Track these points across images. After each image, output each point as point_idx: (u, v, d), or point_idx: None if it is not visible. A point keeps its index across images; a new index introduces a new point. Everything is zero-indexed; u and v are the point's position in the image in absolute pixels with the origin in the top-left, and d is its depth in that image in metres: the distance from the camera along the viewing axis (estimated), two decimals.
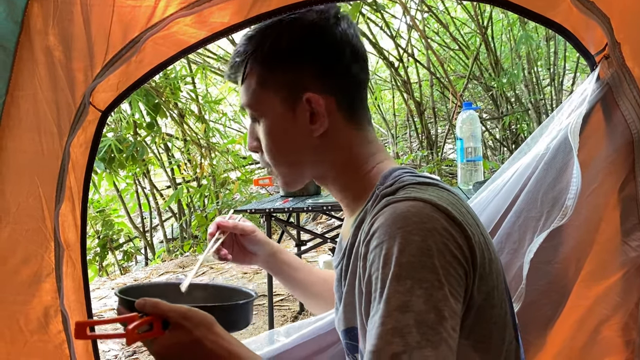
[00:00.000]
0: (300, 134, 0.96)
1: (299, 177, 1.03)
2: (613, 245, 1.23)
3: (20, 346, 1.24)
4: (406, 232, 0.77)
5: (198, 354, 0.85)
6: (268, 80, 0.96)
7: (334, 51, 0.95)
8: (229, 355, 0.85)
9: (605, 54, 1.15)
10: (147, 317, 0.85)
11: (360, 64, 0.98)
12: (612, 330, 1.25)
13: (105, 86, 1.19)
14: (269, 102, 0.96)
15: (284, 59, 0.95)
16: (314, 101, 0.94)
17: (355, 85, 0.98)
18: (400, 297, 0.74)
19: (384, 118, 5.82)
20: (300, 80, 0.95)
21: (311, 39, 0.95)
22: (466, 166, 2.17)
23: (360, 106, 1.00)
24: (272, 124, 0.98)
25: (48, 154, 1.18)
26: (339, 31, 0.95)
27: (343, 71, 0.96)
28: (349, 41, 0.96)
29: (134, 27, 1.08)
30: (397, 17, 4.82)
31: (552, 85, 4.73)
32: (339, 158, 0.98)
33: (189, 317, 0.85)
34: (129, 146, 4.33)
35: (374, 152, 0.99)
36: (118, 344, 3.02)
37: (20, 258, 1.21)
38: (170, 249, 5.33)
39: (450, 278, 0.76)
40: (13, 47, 1.08)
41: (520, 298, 1.18)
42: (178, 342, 0.84)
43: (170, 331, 0.85)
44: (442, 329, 0.73)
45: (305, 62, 0.95)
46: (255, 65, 0.97)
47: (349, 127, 0.97)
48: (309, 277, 1.33)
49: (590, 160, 1.19)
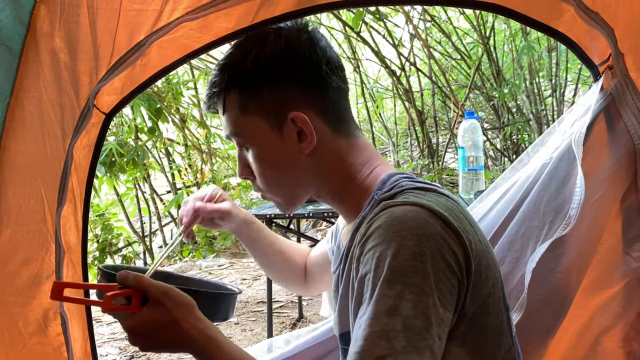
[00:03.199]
0: (291, 155, 0.96)
1: (297, 197, 1.03)
2: (615, 256, 1.23)
3: (19, 348, 1.23)
4: (401, 236, 0.77)
5: (173, 336, 0.83)
6: (250, 107, 0.95)
7: (311, 66, 0.94)
8: (206, 340, 0.83)
9: (609, 64, 1.16)
10: (127, 289, 0.83)
11: (338, 74, 0.97)
12: (613, 340, 1.25)
13: (109, 89, 1.19)
14: (255, 128, 0.95)
15: (262, 83, 0.94)
16: (300, 119, 0.93)
17: (337, 96, 0.97)
18: (389, 300, 0.74)
19: (385, 126, 5.83)
20: (282, 101, 0.94)
21: (286, 59, 0.94)
22: (467, 175, 2.17)
23: (346, 115, 0.99)
24: (262, 149, 0.97)
25: (51, 155, 1.18)
26: (312, 45, 0.95)
27: (323, 84, 0.95)
28: (324, 54, 0.95)
29: (140, 30, 1.09)
30: (400, 26, 4.83)
31: (554, 96, 4.74)
32: (334, 171, 0.98)
33: (170, 296, 0.84)
34: (130, 150, 4.33)
35: (368, 159, 0.98)
36: (116, 348, 3.01)
37: (20, 260, 1.21)
38: (169, 254, 5.32)
39: (441, 285, 0.76)
40: (19, 48, 1.08)
41: (521, 307, 1.18)
42: (154, 320, 0.83)
43: (148, 307, 0.83)
44: (429, 336, 0.73)
45: (285, 83, 0.94)
46: (234, 93, 0.95)
47: (338, 138, 0.97)
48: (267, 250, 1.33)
49: (593, 171, 1.19)
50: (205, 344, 0.83)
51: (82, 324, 1.35)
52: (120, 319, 0.86)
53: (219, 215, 1.24)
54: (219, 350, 0.84)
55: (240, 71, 0.95)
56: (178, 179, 5.55)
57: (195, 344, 0.83)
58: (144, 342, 0.85)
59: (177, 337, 0.83)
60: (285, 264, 1.34)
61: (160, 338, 0.84)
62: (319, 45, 0.95)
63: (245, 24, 1.09)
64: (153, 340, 0.85)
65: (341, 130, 0.97)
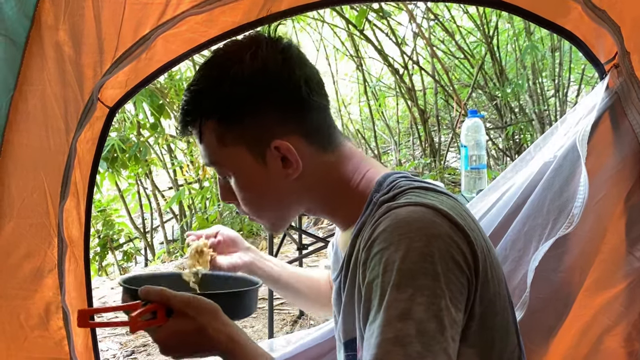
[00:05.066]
0: (277, 181, 0.92)
1: (286, 218, 1.00)
2: (618, 255, 1.22)
3: (20, 342, 1.23)
4: (408, 238, 0.76)
5: (201, 342, 0.84)
6: (229, 136, 0.90)
7: (291, 90, 0.89)
8: (232, 345, 0.84)
9: (615, 62, 1.15)
10: (151, 305, 0.84)
11: (318, 91, 0.91)
12: (615, 340, 1.25)
13: (113, 83, 1.19)
14: (235, 158, 0.91)
15: (240, 112, 0.88)
16: (283, 148, 0.88)
17: (319, 114, 0.92)
18: (400, 305, 0.73)
19: (387, 125, 5.82)
20: (262, 129, 0.89)
21: (265, 85, 0.88)
22: (470, 174, 2.16)
23: (329, 131, 0.94)
24: (245, 178, 0.93)
25: (54, 149, 1.18)
26: (290, 66, 0.89)
27: (304, 107, 0.90)
28: (302, 73, 0.90)
29: (145, 24, 1.09)
30: (403, 25, 4.82)
31: (557, 96, 4.73)
32: (323, 187, 0.94)
33: (193, 305, 0.84)
34: (132, 146, 4.33)
35: (357, 165, 0.95)
36: (116, 343, 3.02)
37: (23, 253, 1.21)
38: (171, 250, 5.32)
39: (451, 286, 0.75)
40: (23, 41, 1.08)
41: (524, 306, 1.18)
42: (181, 330, 0.84)
43: (173, 319, 0.84)
44: (443, 339, 0.72)
45: (264, 111, 0.89)
46: (211, 123, 0.90)
47: (324, 155, 0.93)
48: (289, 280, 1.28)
49: (597, 169, 1.19)
50: (232, 348, 0.85)
51: None
52: (150, 332, 0.87)
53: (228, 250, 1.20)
54: (244, 353, 0.85)
55: (217, 99, 0.89)
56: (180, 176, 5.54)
57: (223, 348, 0.85)
58: (174, 351, 0.87)
59: (205, 343, 0.85)
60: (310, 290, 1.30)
61: (188, 346, 0.85)
62: (296, 65, 0.90)
63: (251, 18, 1.09)
64: (183, 349, 0.86)
65: (326, 147, 0.93)
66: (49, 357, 1.28)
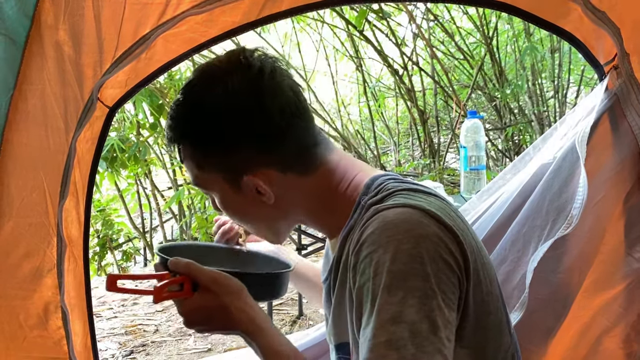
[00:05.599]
0: (255, 205, 0.93)
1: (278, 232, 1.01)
2: (617, 256, 1.22)
3: (19, 341, 1.23)
4: (396, 240, 0.75)
5: (223, 319, 0.86)
6: (204, 164, 0.91)
7: (263, 122, 0.87)
8: (253, 327, 0.86)
9: (615, 64, 1.16)
10: (179, 277, 0.86)
11: (297, 114, 0.89)
12: (614, 341, 1.25)
13: (113, 82, 1.19)
14: (213, 182, 0.93)
15: (214, 143, 0.88)
16: (253, 183, 0.89)
17: (298, 138, 0.90)
18: (392, 308, 0.72)
19: (387, 125, 5.82)
20: (236, 162, 0.89)
21: (236, 119, 0.86)
22: (469, 175, 2.16)
23: (311, 150, 0.91)
24: (225, 200, 0.95)
25: (54, 148, 1.18)
26: (262, 96, 0.86)
27: (279, 136, 0.88)
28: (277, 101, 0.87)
29: (145, 23, 1.09)
30: (403, 25, 4.82)
31: (556, 97, 4.73)
32: (305, 205, 0.95)
33: (219, 282, 0.86)
34: (131, 146, 4.33)
35: (344, 172, 0.93)
36: (115, 343, 3.01)
37: (22, 252, 1.21)
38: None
39: (442, 286, 0.75)
40: (23, 41, 1.08)
41: (522, 307, 1.18)
42: (205, 306, 0.85)
43: (198, 294, 0.86)
44: (437, 339, 0.71)
45: (237, 144, 0.88)
46: (188, 149, 0.92)
47: (303, 179, 0.91)
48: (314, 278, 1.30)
49: (596, 171, 1.19)
50: (252, 329, 0.86)
51: (82, 318, 1.35)
52: (175, 303, 0.88)
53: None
54: (262, 336, 0.86)
55: (192, 127, 0.90)
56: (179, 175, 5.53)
57: (243, 328, 0.86)
58: (197, 325, 0.89)
59: (227, 321, 0.86)
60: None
61: (211, 322, 0.87)
62: (269, 94, 0.87)
63: (251, 18, 1.09)
64: (205, 324, 0.88)
65: (309, 168, 0.92)
66: (48, 357, 1.28)
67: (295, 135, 0.89)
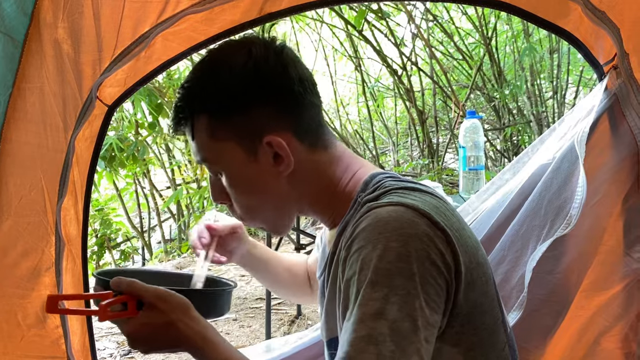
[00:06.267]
0: (268, 178, 0.92)
1: (282, 219, 0.99)
2: (615, 257, 1.23)
3: (17, 340, 1.23)
4: (386, 238, 0.76)
5: (170, 337, 0.83)
6: (221, 132, 0.90)
7: (284, 87, 0.89)
8: (203, 342, 0.83)
9: (614, 64, 1.16)
10: (121, 295, 0.84)
11: (311, 90, 0.92)
12: (612, 341, 1.25)
13: (112, 81, 1.19)
14: (227, 153, 0.91)
15: (233, 106, 0.89)
16: (275, 143, 0.89)
17: (311, 113, 0.93)
18: (375, 304, 0.73)
19: (385, 125, 5.81)
20: (255, 124, 0.89)
21: (258, 81, 0.88)
22: (468, 175, 2.16)
23: (321, 130, 0.95)
24: (236, 175, 0.93)
25: (52, 147, 1.18)
26: (283, 65, 0.90)
27: (297, 104, 0.90)
28: (296, 72, 0.90)
29: (145, 22, 1.08)
30: (402, 26, 4.82)
31: (555, 98, 4.73)
32: (313, 187, 0.94)
33: (164, 299, 0.84)
34: (130, 145, 4.32)
35: (347, 166, 0.95)
36: (114, 342, 3.01)
37: (20, 251, 1.20)
38: (168, 249, 5.31)
39: (427, 287, 0.75)
40: (22, 39, 1.07)
41: (521, 306, 1.18)
42: (150, 323, 0.83)
43: (144, 312, 0.83)
44: (416, 339, 0.72)
45: (256, 105, 0.89)
46: (203, 118, 0.90)
47: (315, 154, 0.93)
48: (278, 269, 1.29)
49: (595, 171, 1.19)
50: (201, 344, 0.83)
51: (80, 318, 1.35)
52: (119, 324, 0.86)
53: (231, 231, 1.19)
54: (214, 350, 0.84)
55: (209, 94, 0.89)
56: (178, 175, 5.53)
57: (192, 344, 0.83)
58: (143, 345, 0.86)
59: (174, 338, 0.83)
60: (293, 278, 1.31)
61: (158, 340, 0.85)
62: (290, 64, 0.90)
63: (250, 17, 1.09)
64: (152, 343, 0.85)
65: (317, 146, 0.93)
66: (46, 356, 1.27)
67: (309, 106, 0.92)
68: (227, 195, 0.96)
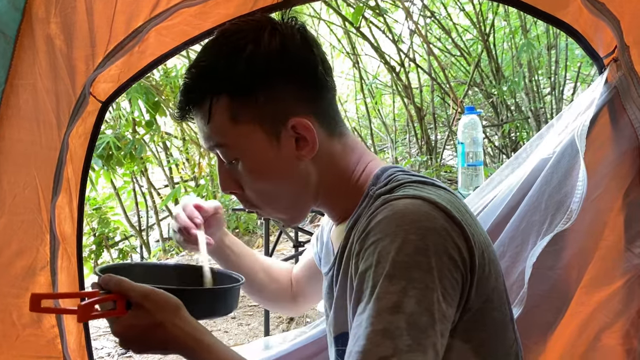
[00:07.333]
0: (288, 163, 0.89)
1: (300, 209, 0.96)
2: (616, 252, 1.22)
3: (12, 340, 1.22)
4: (404, 230, 0.75)
5: (158, 339, 0.81)
6: (243, 114, 0.86)
7: (309, 68, 0.87)
8: (195, 343, 0.81)
9: (614, 56, 1.14)
10: (108, 295, 0.82)
11: (330, 74, 0.91)
12: (613, 337, 1.24)
13: (106, 77, 1.17)
14: (247, 137, 0.87)
15: (258, 87, 0.85)
16: (300, 126, 0.86)
17: (331, 97, 0.92)
18: (392, 297, 0.72)
19: (383, 122, 5.81)
20: (280, 106, 0.86)
21: (283, 61, 0.85)
22: (467, 171, 2.15)
23: (337, 116, 0.94)
24: (255, 160, 0.89)
25: (46, 144, 1.17)
26: (308, 45, 0.88)
27: (320, 87, 0.89)
28: (319, 52, 0.89)
29: (138, 16, 1.07)
30: (400, 22, 4.81)
31: (553, 94, 4.72)
32: (329, 175, 0.92)
33: (151, 299, 0.81)
34: (127, 144, 4.31)
35: (359, 157, 0.94)
36: (111, 342, 3.00)
37: (14, 250, 1.19)
38: (166, 248, 5.30)
39: (445, 281, 0.74)
40: (14, 35, 1.06)
41: (521, 302, 1.17)
42: (138, 324, 0.81)
43: (131, 311, 0.81)
44: (433, 333, 0.71)
45: (281, 87, 0.86)
46: (224, 99, 0.85)
47: (332, 141, 0.91)
48: (253, 266, 1.23)
49: (596, 165, 1.18)
50: (193, 345, 0.81)
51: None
52: (109, 323, 0.84)
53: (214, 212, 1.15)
54: (208, 352, 0.82)
55: (231, 74, 0.84)
56: (175, 173, 5.53)
57: (182, 345, 0.81)
58: (133, 345, 0.84)
59: (163, 340, 0.81)
60: (272, 282, 1.26)
61: (147, 341, 0.82)
62: (313, 45, 0.89)
63: (244, 10, 1.08)
64: (141, 343, 0.83)
65: (334, 132, 0.92)
66: (41, 356, 1.26)
67: (328, 89, 0.90)
68: (239, 184, 0.92)
